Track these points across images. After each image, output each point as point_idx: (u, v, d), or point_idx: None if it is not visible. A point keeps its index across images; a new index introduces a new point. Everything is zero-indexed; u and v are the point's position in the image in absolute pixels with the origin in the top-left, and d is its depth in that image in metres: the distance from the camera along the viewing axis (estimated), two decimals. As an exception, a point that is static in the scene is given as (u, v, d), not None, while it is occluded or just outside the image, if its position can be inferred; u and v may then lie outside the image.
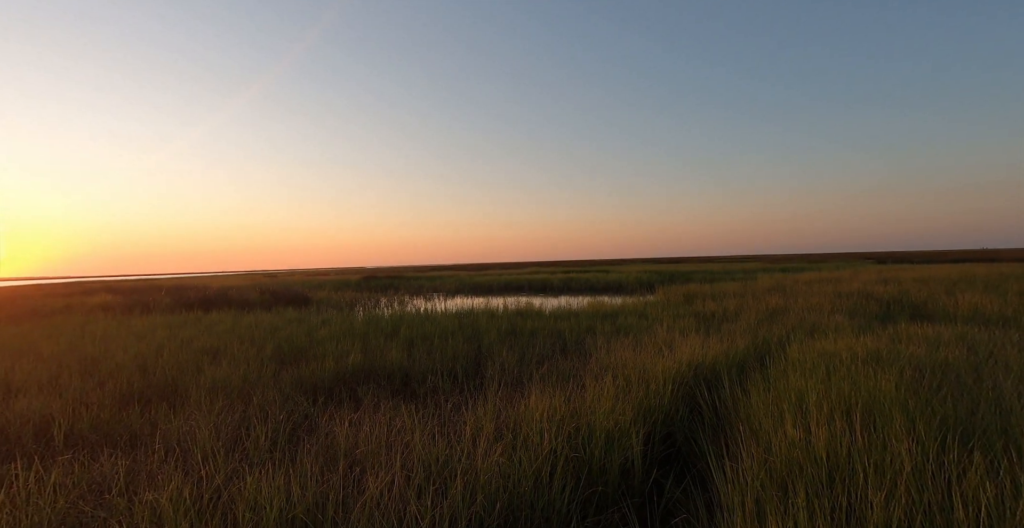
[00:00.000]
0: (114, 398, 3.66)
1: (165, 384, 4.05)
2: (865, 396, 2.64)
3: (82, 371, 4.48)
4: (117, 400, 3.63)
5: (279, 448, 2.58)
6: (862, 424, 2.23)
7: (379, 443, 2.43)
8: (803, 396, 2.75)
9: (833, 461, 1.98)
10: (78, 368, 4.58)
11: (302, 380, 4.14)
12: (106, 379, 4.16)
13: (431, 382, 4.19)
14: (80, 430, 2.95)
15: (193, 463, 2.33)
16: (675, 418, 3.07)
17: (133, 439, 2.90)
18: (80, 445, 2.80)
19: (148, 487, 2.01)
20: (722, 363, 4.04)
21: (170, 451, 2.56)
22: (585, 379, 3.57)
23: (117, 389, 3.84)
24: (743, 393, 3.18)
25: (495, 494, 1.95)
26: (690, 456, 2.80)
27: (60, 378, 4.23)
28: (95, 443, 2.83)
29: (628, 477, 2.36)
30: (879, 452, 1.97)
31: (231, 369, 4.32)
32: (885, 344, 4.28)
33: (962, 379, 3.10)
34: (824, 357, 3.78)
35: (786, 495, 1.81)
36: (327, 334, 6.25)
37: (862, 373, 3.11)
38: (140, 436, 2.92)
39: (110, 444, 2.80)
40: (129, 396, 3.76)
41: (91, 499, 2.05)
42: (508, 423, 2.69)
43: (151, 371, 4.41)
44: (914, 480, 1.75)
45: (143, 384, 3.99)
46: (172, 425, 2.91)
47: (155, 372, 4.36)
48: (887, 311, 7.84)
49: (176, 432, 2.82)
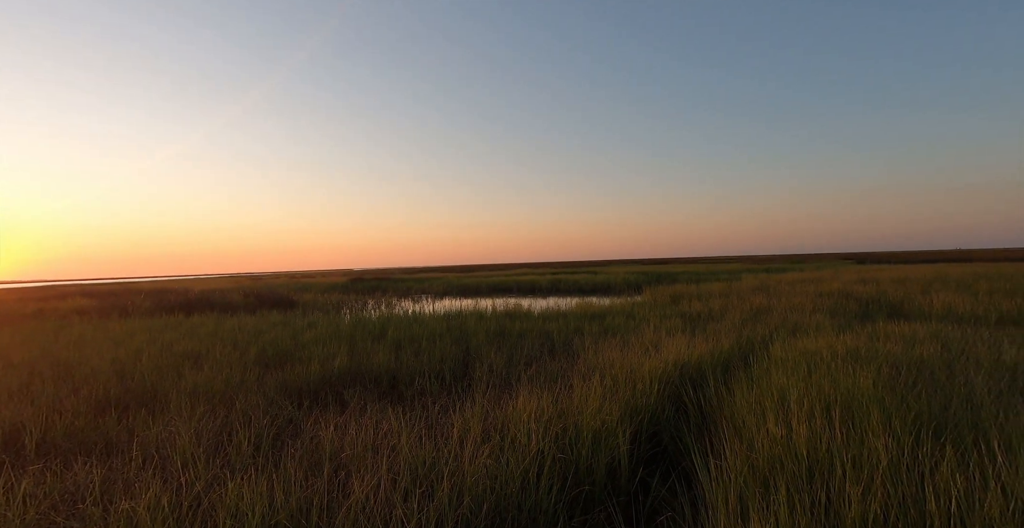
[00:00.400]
0: (89, 405, 3.55)
1: (144, 390, 3.94)
2: (844, 393, 2.71)
3: (55, 377, 4.34)
4: (93, 407, 3.52)
5: (262, 453, 2.53)
6: (841, 420, 2.28)
7: (365, 446, 2.40)
8: (785, 394, 2.80)
9: (813, 457, 2.02)
10: (51, 374, 4.43)
11: (287, 384, 4.07)
12: (81, 385, 4.04)
13: (419, 384, 4.16)
14: (53, 438, 2.86)
15: (172, 470, 2.28)
16: (661, 417, 3.10)
17: (109, 447, 2.82)
18: (53, 454, 2.71)
19: (124, 496, 1.96)
20: (707, 362, 4.10)
21: (148, 458, 2.49)
22: (573, 380, 3.58)
23: (93, 395, 3.73)
24: (727, 392, 3.23)
25: (482, 495, 1.94)
26: (676, 454, 2.83)
27: (32, 385, 4.08)
28: (69, 451, 2.74)
29: (615, 476, 2.38)
30: (857, 447, 2.02)
31: (213, 373, 4.23)
32: (864, 342, 4.39)
33: (936, 375, 3.20)
34: (806, 355, 3.86)
35: (768, 491, 1.84)
36: (313, 337, 6.16)
37: (842, 371, 3.19)
38: (117, 443, 2.83)
39: (85, 452, 2.71)
40: (105, 402, 3.66)
41: (64, 509, 1.99)
42: (496, 425, 2.68)
43: (129, 376, 4.29)
44: (890, 474, 1.80)
45: (120, 390, 3.88)
46: (151, 432, 2.84)
47: (133, 377, 4.24)
48: (866, 310, 8.05)
49: (155, 439, 2.75)
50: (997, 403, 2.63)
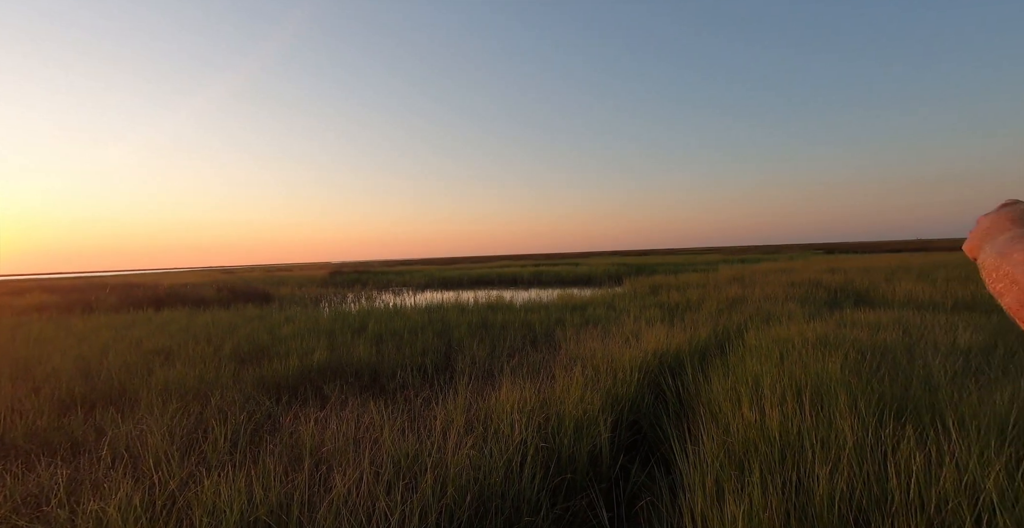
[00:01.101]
0: (52, 404, 3.39)
1: (111, 388, 3.79)
2: (814, 378, 2.82)
3: (13, 376, 4.12)
4: (56, 406, 3.37)
5: (240, 450, 2.48)
6: (811, 404, 2.38)
7: (347, 440, 2.37)
8: (759, 380, 2.90)
9: (785, 440, 2.10)
10: (8, 373, 4.21)
11: (264, 379, 3.98)
12: (42, 384, 3.85)
13: (400, 377, 4.13)
14: (12, 439, 2.72)
15: (144, 469, 2.20)
16: (641, 405, 3.18)
17: (75, 447, 2.70)
18: (12, 455, 2.58)
19: (93, 496, 1.88)
20: (685, 351, 4.21)
21: (118, 458, 2.40)
22: (555, 370, 3.62)
23: (55, 394, 3.56)
24: (704, 379, 3.33)
25: (465, 486, 1.95)
26: (655, 441, 2.91)
27: (-12, 385, 3.87)
28: (30, 452, 2.61)
29: (596, 464, 2.43)
30: (825, 429, 2.11)
31: (186, 370, 4.09)
32: (832, 329, 4.58)
33: (898, 359, 3.37)
34: (778, 342, 4.01)
35: (743, 474, 1.91)
36: (291, 331, 6.03)
37: (812, 356, 3.32)
38: (83, 443, 2.72)
39: (48, 453, 2.59)
40: (70, 402, 3.50)
41: (27, 512, 1.90)
42: (479, 415, 2.69)
43: (95, 374, 4.12)
44: (855, 454, 1.89)
45: (86, 388, 3.72)
46: (120, 430, 2.73)
47: (99, 375, 4.07)
48: (834, 298, 8.39)
49: (125, 437, 2.65)
50: (952, 384, 2.78)
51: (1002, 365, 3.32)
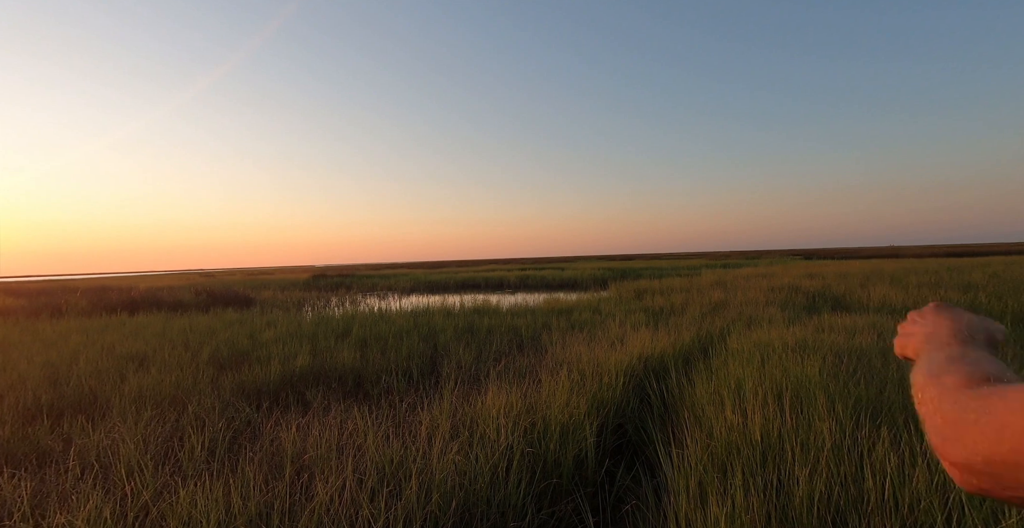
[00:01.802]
0: (16, 413, 3.24)
1: (81, 395, 3.64)
2: (794, 381, 2.89)
3: (-25, 384, 3.93)
4: (20, 415, 3.22)
5: (217, 458, 2.40)
6: (791, 407, 2.43)
7: (329, 447, 2.33)
8: (741, 383, 2.96)
9: (767, 442, 2.14)
10: (-30, 380, 4.01)
11: (244, 385, 3.88)
12: (5, 392, 3.68)
13: (385, 382, 4.08)
14: (-27, 450, 2.59)
15: (116, 480, 2.12)
16: (626, 409, 3.20)
17: (41, 457, 2.58)
18: (-27, 467, 2.46)
19: (60, 509, 1.80)
20: (670, 355, 4.26)
21: (87, 468, 2.30)
22: (541, 374, 3.62)
23: (19, 403, 3.40)
24: (688, 383, 3.37)
25: (451, 492, 1.93)
26: (640, 445, 2.93)
27: (-53, 393, 3.68)
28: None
29: (582, 468, 2.43)
30: (805, 432, 2.16)
31: (161, 376, 3.96)
32: (811, 333, 4.70)
33: (872, 363, 3.47)
34: (759, 347, 4.09)
35: (726, 476, 1.94)
36: (272, 336, 5.90)
37: (791, 360, 3.40)
38: (50, 454, 2.60)
39: (12, 464, 2.48)
40: (36, 410, 3.35)
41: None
42: (464, 421, 2.67)
43: (64, 381, 3.95)
44: (833, 456, 1.94)
45: (54, 396, 3.57)
46: (90, 440, 2.63)
47: (68, 382, 3.91)
48: (813, 303, 8.61)
49: (95, 447, 2.54)
50: (924, 387, 2.88)
51: (970, 368, 3.44)
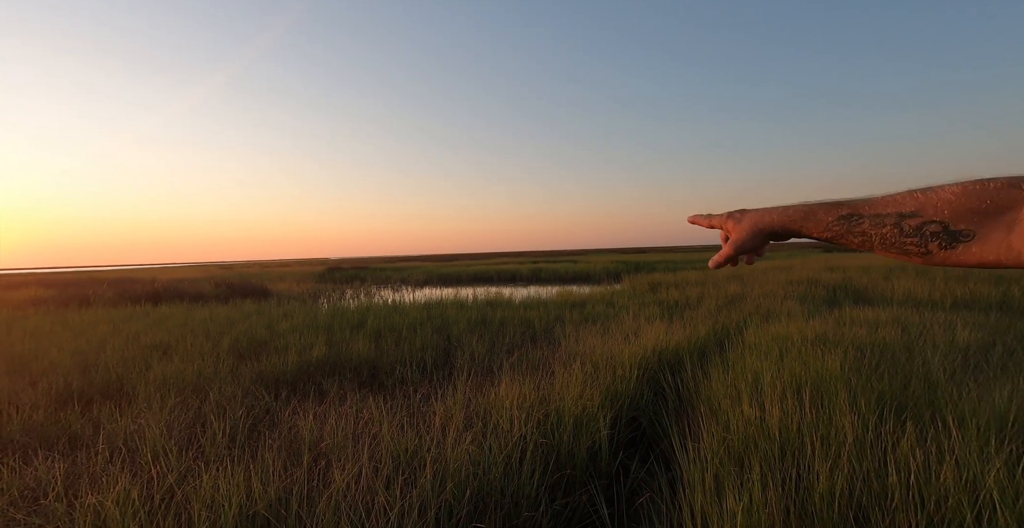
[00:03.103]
0: (49, 398, 3.38)
1: (109, 382, 3.78)
2: (813, 375, 2.83)
3: (10, 370, 4.10)
4: (53, 400, 3.35)
5: (238, 444, 2.47)
6: (811, 401, 2.38)
7: (345, 435, 2.37)
8: (759, 377, 2.91)
9: (785, 436, 2.10)
10: (4, 367, 4.19)
11: (263, 374, 3.97)
12: (39, 378, 3.83)
13: (399, 373, 4.12)
14: (9, 433, 2.71)
15: (142, 463, 2.19)
16: (640, 402, 3.18)
17: (73, 441, 2.69)
18: (10, 449, 2.57)
19: (91, 490, 1.87)
20: (684, 348, 4.21)
21: (116, 452, 2.39)
22: (554, 366, 3.62)
23: (52, 389, 3.54)
24: (704, 376, 3.33)
25: (465, 481, 1.95)
26: (654, 438, 2.91)
27: (-16, 379, 3.85)
28: (28, 446, 2.60)
29: (595, 460, 2.43)
30: (825, 426, 2.11)
31: (184, 364, 4.08)
32: (831, 327, 4.59)
33: (897, 357, 3.37)
34: (777, 340, 4.01)
35: (743, 470, 1.91)
36: (289, 327, 6.02)
37: (811, 354, 3.32)
38: (81, 438, 2.71)
39: (46, 447, 2.58)
40: (67, 396, 3.48)
41: (24, 506, 1.89)
42: (478, 411, 2.69)
43: (92, 369, 4.10)
44: (855, 451, 1.89)
45: (83, 382, 3.71)
46: (118, 425, 2.72)
47: (97, 369, 4.05)
48: (833, 296, 8.41)
49: (123, 432, 2.64)
50: (951, 382, 2.79)
51: (1001, 363, 3.33)
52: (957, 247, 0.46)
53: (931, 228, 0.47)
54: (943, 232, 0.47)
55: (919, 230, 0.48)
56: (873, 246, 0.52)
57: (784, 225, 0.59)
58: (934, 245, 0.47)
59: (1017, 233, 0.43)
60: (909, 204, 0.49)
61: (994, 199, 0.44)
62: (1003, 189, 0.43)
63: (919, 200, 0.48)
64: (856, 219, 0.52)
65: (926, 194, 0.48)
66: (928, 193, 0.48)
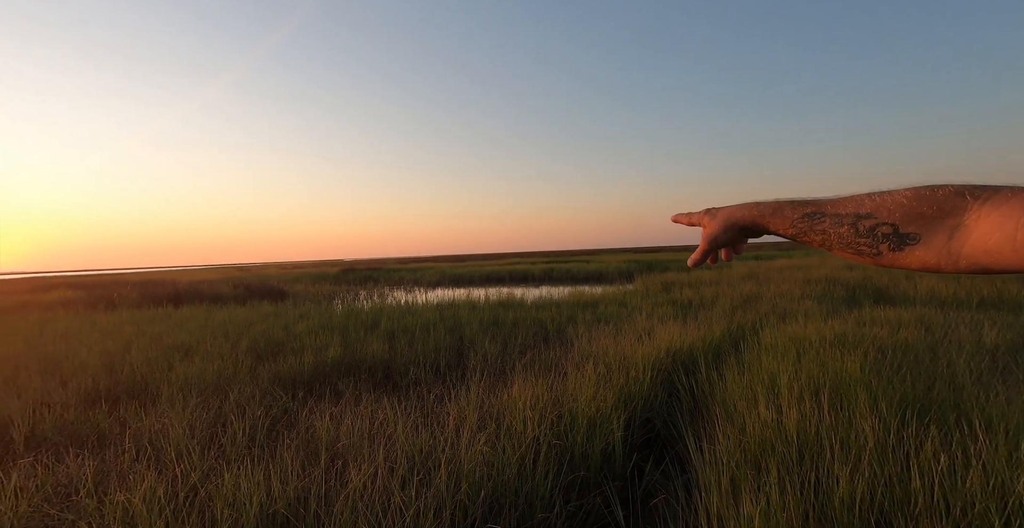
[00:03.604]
0: (79, 398, 3.50)
1: (134, 382, 3.90)
2: (832, 377, 2.77)
3: (42, 371, 4.26)
4: (82, 400, 3.48)
5: (258, 444, 2.53)
6: (830, 403, 2.33)
7: (361, 436, 2.41)
8: (775, 378, 2.86)
9: (803, 439, 2.07)
10: (37, 368, 4.35)
11: (280, 375, 4.05)
12: (69, 378, 3.98)
13: (413, 374, 4.17)
14: (42, 432, 2.82)
15: (167, 462, 2.26)
16: (654, 403, 3.15)
17: (101, 439, 2.79)
18: (43, 447, 2.68)
19: (119, 487, 1.94)
20: (699, 349, 4.16)
21: (141, 450, 2.47)
22: (567, 367, 3.61)
23: (82, 388, 3.67)
24: (719, 377, 3.29)
25: (479, 482, 1.96)
26: (669, 439, 2.89)
27: (18, 378, 4.01)
28: (59, 444, 2.70)
29: (609, 461, 2.42)
30: (845, 429, 2.07)
31: (205, 365, 4.19)
32: (851, 327, 4.49)
33: (920, 358, 3.29)
34: (795, 341, 3.94)
35: (759, 473, 1.89)
36: (305, 328, 6.12)
37: (830, 355, 3.26)
38: (109, 436, 2.81)
39: (76, 445, 2.68)
40: (95, 395, 3.61)
41: (57, 502, 1.97)
42: (491, 412, 2.70)
43: (118, 369, 4.23)
44: (876, 455, 1.85)
45: (110, 382, 3.83)
46: (143, 424, 2.81)
47: (123, 370, 4.19)
48: (853, 296, 8.21)
49: (147, 431, 2.72)
50: (978, 384, 2.71)
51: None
52: (904, 249, 0.48)
53: (883, 230, 0.48)
54: (893, 234, 0.48)
55: (872, 231, 0.49)
56: (832, 245, 0.53)
57: (754, 220, 0.60)
58: (884, 246, 0.49)
59: (956, 239, 0.44)
60: (867, 205, 0.50)
61: (940, 205, 0.45)
62: (949, 196, 0.45)
63: (876, 202, 0.49)
64: (818, 217, 0.53)
65: (883, 197, 0.49)
66: (885, 196, 0.49)
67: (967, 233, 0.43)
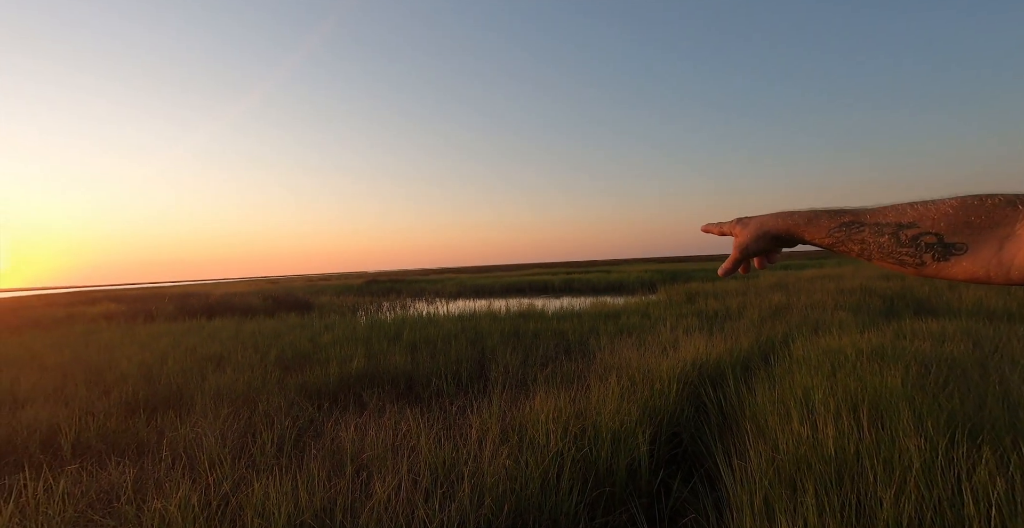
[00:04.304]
0: (120, 406, 3.66)
1: (170, 392, 4.06)
2: (871, 392, 2.64)
3: (87, 380, 4.49)
4: (123, 408, 3.64)
5: (285, 454, 2.58)
6: (869, 420, 2.22)
7: (385, 447, 2.43)
8: (809, 393, 2.74)
9: (841, 458, 1.97)
10: (83, 377, 4.59)
11: (306, 385, 4.14)
12: (111, 388, 4.17)
13: (435, 385, 4.19)
14: (87, 439, 2.96)
15: (200, 470, 2.34)
16: (680, 418, 3.07)
17: (140, 447, 2.90)
18: (87, 454, 2.81)
19: (156, 495, 2.02)
20: (726, 361, 4.04)
21: (177, 458, 2.56)
22: (590, 380, 3.56)
23: (122, 398, 3.85)
24: (748, 391, 3.18)
25: (503, 496, 1.94)
26: (697, 456, 2.79)
27: (66, 387, 4.23)
28: (102, 452, 2.83)
29: (635, 477, 2.36)
30: (888, 449, 1.96)
31: (235, 376, 4.32)
32: (889, 340, 4.27)
33: (968, 374, 3.09)
34: (829, 354, 3.77)
35: (795, 493, 1.80)
36: (330, 339, 6.26)
37: (867, 369, 3.10)
38: (147, 444, 2.92)
39: (117, 453, 2.80)
40: (135, 404, 3.77)
41: (100, 508, 2.06)
42: (513, 425, 2.69)
43: (156, 379, 4.42)
44: (923, 476, 1.74)
45: (148, 392, 4.00)
46: (178, 433, 2.92)
47: (160, 380, 4.37)
48: (890, 307, 7.82)
49: (182, 440, 2.82)
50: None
51: (1095, 381, 2.97)
52: (950, 259, 0.47)
53: (926, 239, 0.48)
54: (938, 244, 0.47)
55: (915, 241, 0.48)
56: (871, 255, 0.52)
57: (788, 228, 0.59)
58: (928, 256, 0.48)
59: (1007, 249, 0.43)
60: (909, 215, 0.49)
61: (990, 214, 0.44)
62: (1000, 205, 0.44)
63: (919, 211, 0.49)
64: (857, 227, 0.53)
65: (926, 206, 0.48)
66: (928, 205, 0.48)
67: (1020, 243, 0.42)
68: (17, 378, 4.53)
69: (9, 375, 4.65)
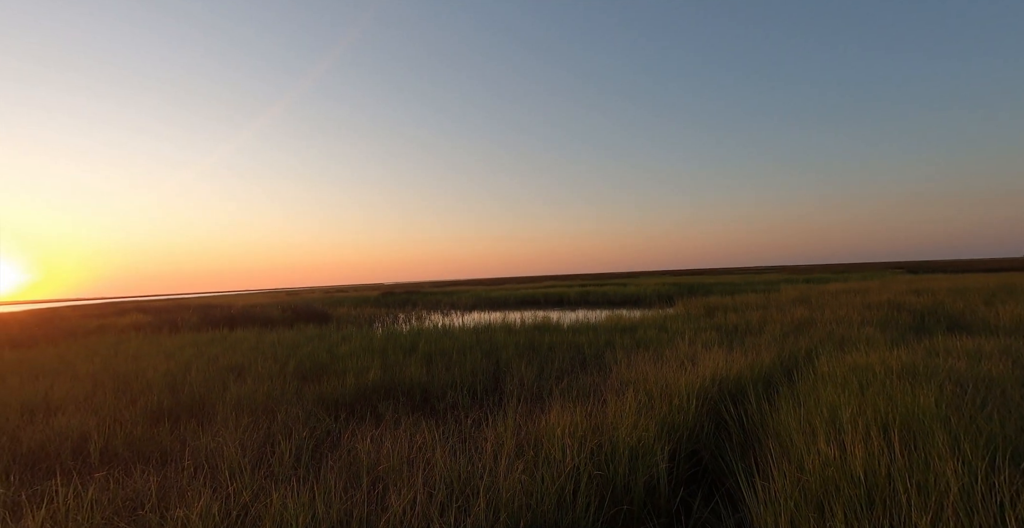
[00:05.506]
0: (146, 415, 3.76)
1: (193, 401, 4.15)
2: (903, 412, 2.53)
3: (116, 389, 4.63)
4: (148, 417, 3.74)
5: (303, 465, 2.60)
6: (901, 442, 2.13)
7: (401, 459, 2.43)
8: (836, 412, 2.64)
9: (872, 481, 1.89)
10: (112, 386, 4.74)
11: (324, 396, 4.19)
12: (138, 397, 4.29)
13: (450, 398, 4.18)
14: (114, 447, 3.04)
15: (221, 479, 2.37)
16: (700, 434, 2.98)
17: (164, 455, 2.97)
18: (115, 461, 2.89)
19: (179, 503, 2.06)
20: (747, 377, 3.93)
21: (199, 467, 2.61)
22: (606, 394, 3.51)
23: (148, 406, 3.95)
24: (771, 408, 3.08)
25: (518, 512, 1.92)
26: (718, 474, 2.71)
27: (95, 396, 4.38)
28: (128, 459, 2.90)
29: (654, 495, 2.30)
30: (922, 472, 1.87)
31: (255, 386, 4.40)
32: (921, 357, 4.09)
33: (1008, 395, 2.94)
34: (856, 371, 3.64)
35: (822, 516, 1.73)
36: (347, 350, 6.33)
37: (898, 388, 2.98)
38: (170, 452, 2.98)
39: (142, 460, 2.87)
40: (160, 413, 3.87)
41: (125, 515, 2.10)
42: (529, 439, 2.66)
43: (180, 388, 4.53)
44: (962, 502, 1.66)
45: (172, 401, 4.10)
46: (200, 442, 2.98)
47: (183, 389, 4.48)
48: (921, 323, 7.51)
49: (204, 449, 2.88)
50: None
51: None
52: None
53: None
54: None
55: None
56: None
57: None
58: None
59: None
60: None
61: None
62: None
63: None
64: None
65: None
66: None
67: None
68: (52, 386, 4.70)
69: (45, 384, 4.83)
